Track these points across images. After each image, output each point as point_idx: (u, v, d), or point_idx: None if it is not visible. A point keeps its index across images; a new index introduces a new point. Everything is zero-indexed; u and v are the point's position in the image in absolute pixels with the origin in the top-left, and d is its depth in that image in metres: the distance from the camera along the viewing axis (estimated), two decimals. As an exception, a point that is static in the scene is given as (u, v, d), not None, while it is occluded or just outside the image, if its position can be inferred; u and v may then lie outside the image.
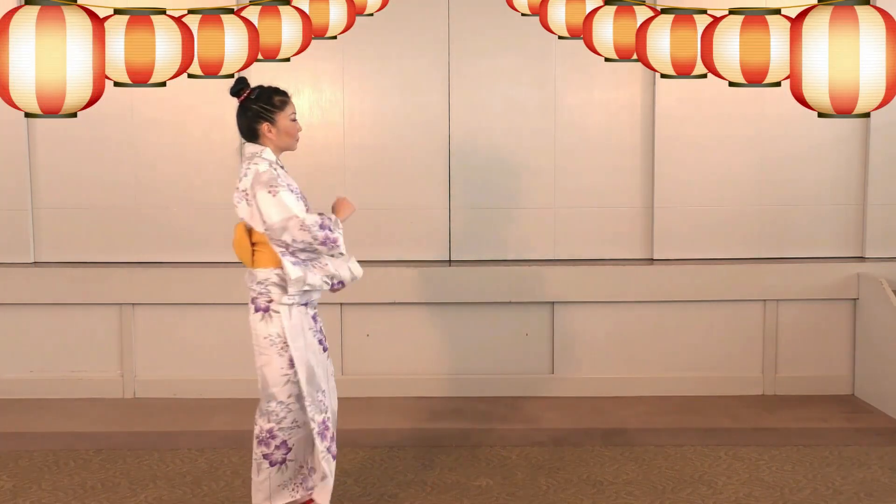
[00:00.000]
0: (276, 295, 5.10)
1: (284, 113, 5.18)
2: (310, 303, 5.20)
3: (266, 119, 5.15)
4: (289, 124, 5.19)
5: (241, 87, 5.16)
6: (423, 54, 7.86)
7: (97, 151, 7.79)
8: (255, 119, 5.16)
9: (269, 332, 5.11)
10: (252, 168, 5.10)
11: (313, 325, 5.23)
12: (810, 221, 7.86)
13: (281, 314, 5.09)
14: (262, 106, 5.15)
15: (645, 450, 6.59)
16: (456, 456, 6.50)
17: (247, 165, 5.14)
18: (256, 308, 5.13)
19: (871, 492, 5.95)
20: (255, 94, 5.17)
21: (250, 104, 5.15)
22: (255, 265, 5.15)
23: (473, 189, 7.84)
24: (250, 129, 5.19)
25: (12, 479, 6.17)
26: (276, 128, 5.16)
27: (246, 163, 5.16)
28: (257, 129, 5.17)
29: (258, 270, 5.14)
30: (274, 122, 5.15)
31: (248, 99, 5.16)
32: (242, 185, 5.13)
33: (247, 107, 5.17)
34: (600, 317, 7.75)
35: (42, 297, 7.70)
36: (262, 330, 5.12)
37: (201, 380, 7.73)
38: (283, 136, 5.19)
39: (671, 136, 7.82)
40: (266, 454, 5.22)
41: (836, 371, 7.78)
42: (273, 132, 5.16)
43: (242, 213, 5.16)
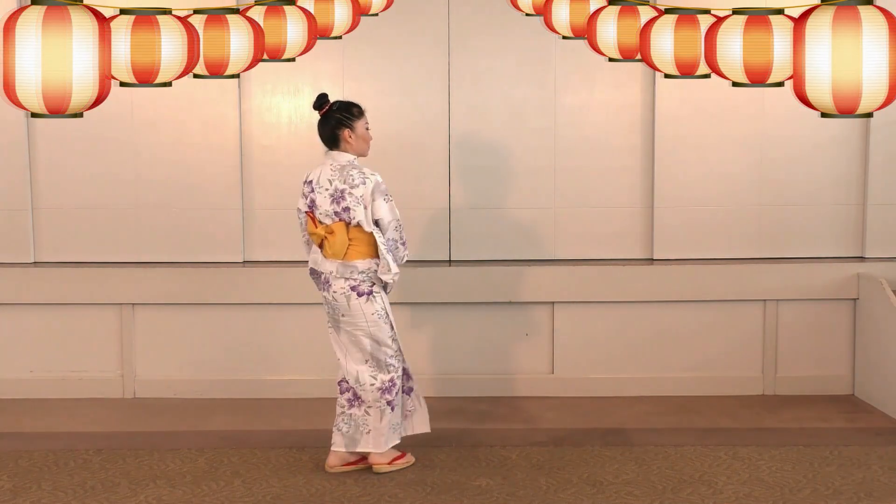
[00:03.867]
0: (376, 280, 6.07)
1: (361, 121, 6.08)
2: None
3: (347, 126, 6.03)
4: (365, 132, 6.10)
5: (322, 101, 6.06)
6: (423, 54, 7.86)
7: (97, 151, 7.79)
8: (338, 126, 6.04)
9: (375, 309, 6.08)
10: (372, 178, 5.99)
11: None
12: (810, 221, 7.87)
13: (381, 293, 6.11)
14: (343, 115, 6.03)
15: (645, 450, 6.60)
16: (456, 456, 6.50)
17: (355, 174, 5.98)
18: (359, 293, 6.05)
19: (871, 492, 5.96)
20: (336, 105, 6.06)
21: (332, 114, 6.04)
22: (351, 258, 6.02)
23: (473, 189, 7.84)
24: (333, 136, 6.06)
25: (12, 479, 6.17)
26: (356, 134, 6.05)
27: (347, 169, 6.01)
28: (339, 136, 6.05)
29: (358, 262, 6.03)
30: (353, 129, 6.04)
31: (329, 110, 6.04)
32: (358, 191, 5.98)
33: (329, 116, 6.05)
34: (600, 317, 7.75)
35: (42, 297, 7.69)
36: (368, 309, 6.07)
37: (201, 380, 7.73)
38: (361, 142, 6.09)
39: (671, 136, 7.83)
40: (389, 401, 6.13)
41: (836, 371, 7.79)
42: (353, 138, 6.05)
43: (361, 217, 5.99)
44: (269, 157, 7.86)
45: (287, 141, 7.83)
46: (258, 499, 5.90)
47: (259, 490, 6.01)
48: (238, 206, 7.82)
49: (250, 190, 7.86)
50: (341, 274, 6.05)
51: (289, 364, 7.74)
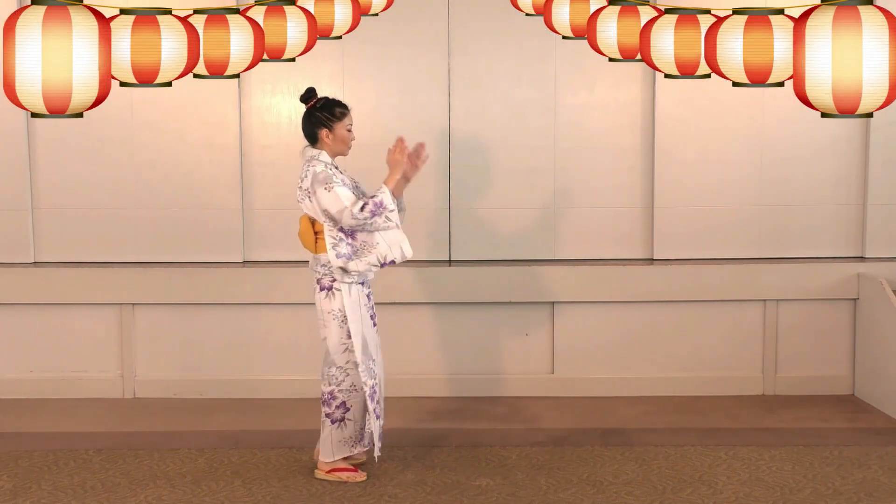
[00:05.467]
0: (338, 275, 5.90)
1: (342, 123, 6.01)
2: (365, 282, 5.99)
3: (326, 126, 5.97)
4: (345, 133, 6.03)
5: (310, 95, 6.01)
6: (423, 54, 7.86)
7: (97, 151, 7.79)
8: (318, 125, 5.99)
9: (331, 308, 5.95)
10: (311, 170, 5.91)
11: (367, 301, 6.02)
12: (810, 221, 7.87)
13: (342, 292, 5.91)
14: (325, 115, 5.99)
15: (645, 450, 6.60)
16: (456, 456, 6.50)
17: (306, 167, 5.94)
18: (321, 287, 5.96)
19: (871, 492, 5.96)
20: (321, 103, 6.01)
21: (315, 112, 5.99)
22: (318, 251, 5.95)
23: (473, 189, 7.84)
24: (312, 134, 6.01)
25: (12, 479, 6.17)
26: (334, 135, 5.99)
27: (305, 164, 5.96)
28: (318, 135, 5.99)
29: (322, 255, 5.93)
30: (332, 130, 5.98)
31: (314, 107, 6.00)
32: (304, 184, 5.92)
33: (312, 114, 6.00)
34: (600, 317, 7.75)
35: (42, 297, 7.69)
36: (325, 305, 5.95)
37: (201, 380, 7.73)
38: (339, 143, 6.02)
39: (671, 136, 7.83)
40: (328, 413, 6.05)
41: (836, 371, 7.79)
42: (330, 138, 5.99)
43: (306, 208, 5.94)
44: (269, 157, 7.86)
45: (287, 141, 7.83)
46: (258, 499, 5.90)
47: (259, 490, 6.01)
48: (238, 206, 7.82)
49: (250, 190, 7.86)
50: (312, 267, 6.05)
51: (289, 364, 7.74)
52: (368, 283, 6.04)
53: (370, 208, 5.80)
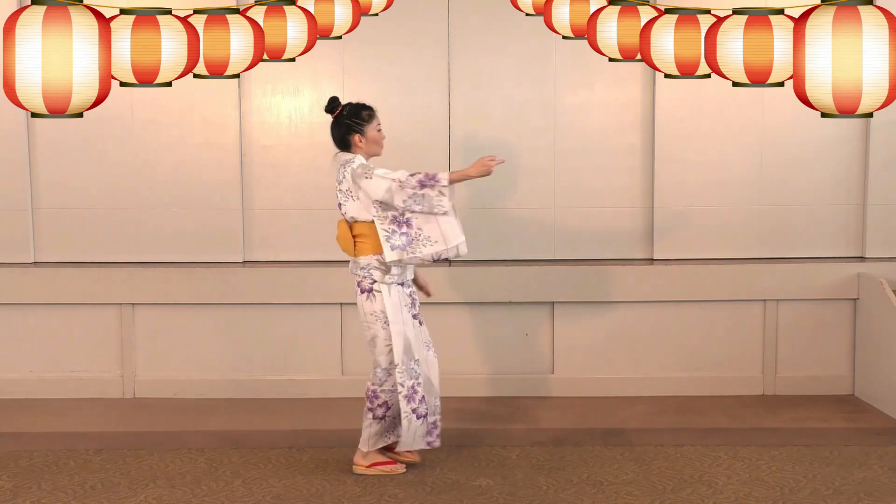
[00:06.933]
0: (377, 276, 6.01)
1: (371, 125, 6.10)
2: (405, 282, 6.09)
3: (357, 131, 6.07)
4: (375, 134, 6.12)
5: (334, 105, 6.11)
6: (423, 54, 7.86)
7: (97, 151, 7.78)
8: (348, 131, 6.08)
9: (373, 310, 6.05)
10: (348, 170, 5.98)
11: (409, 301, 6.10)
12: (810, 221, 7.87)
13: (382, 293, 6.02)
14: (353, 120, 6.08)
15: (645, 450, 6.60)
16: (456, 456, 6.51)
17: (342, 171, 6.03)
18: (362, 290, 6.07)
19: (871, 492, 5.97)
20: (347, 109, 6.09)
21: (343, 119, 6.08)
22: (358, 254, 6.04)
23: (473, 189, 7.83)
24: (343, 140, 6.11)
25: (12, 479, 6.18)
26: (366, 138, 6.08)
27: (341, 168, 6.05)
28: (349, 140, 6.09)
29: (361, 258, 6.04)
30: (364, 134, 6.08)
31: (340, 115, 6.09)
32: (343, 186, 6.02)
33: (340, 121, 6.09)
34: (600, 317, 7.75)
35: (42, 297, 7.69)
36: (367, 308, 6.06)
37: (201, 380, 7.72)
38: (372, 145, 6.12)
39: (671, 136, 7.83)
40: (370, 408, 6.16)
41: (836, 371, 7.79)
42: (363, 142, 6.09)
43: (352, 210, 6.02)
44: (269, 157, 7.86)
45: (287, 141, 7.83)
46: (258, 499, 5.90)
47: (259, 490, 6.01)
48: (238, 206, 7.82)
49: (250, 190, 7.86)
50: (351, 270, 6.14)
51: (289, 364, 7.74)
52: (409, 283, 6.13)
53: (419, 177, 5.87)
